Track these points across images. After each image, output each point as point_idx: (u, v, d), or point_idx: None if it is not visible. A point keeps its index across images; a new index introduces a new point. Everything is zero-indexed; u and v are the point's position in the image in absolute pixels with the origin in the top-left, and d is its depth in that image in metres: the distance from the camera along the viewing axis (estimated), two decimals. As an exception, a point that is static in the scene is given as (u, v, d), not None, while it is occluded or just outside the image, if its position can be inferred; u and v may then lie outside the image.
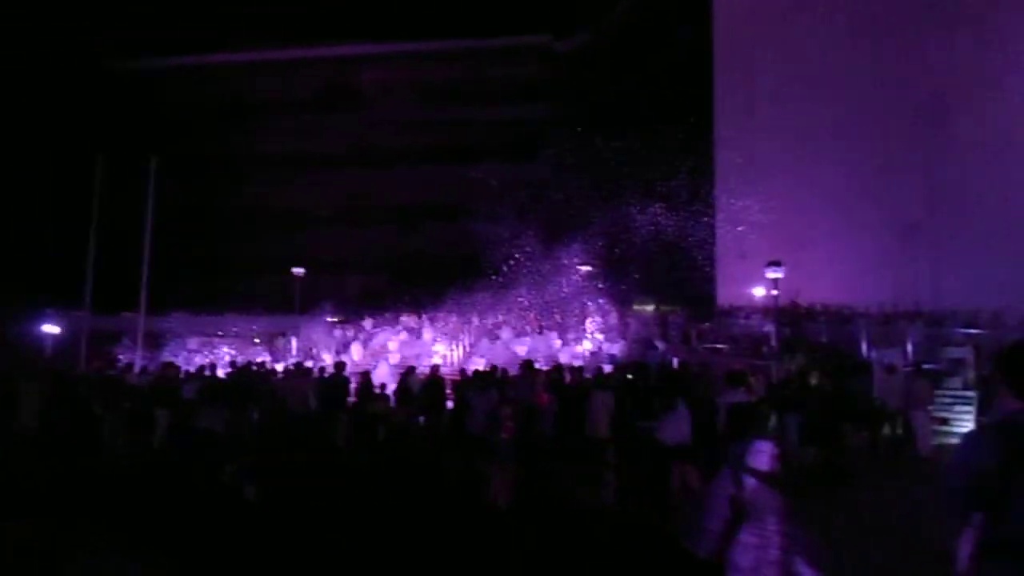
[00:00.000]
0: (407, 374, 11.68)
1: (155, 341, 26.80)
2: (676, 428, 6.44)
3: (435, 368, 12.51)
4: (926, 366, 13.81)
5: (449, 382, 12.84)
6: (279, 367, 17.49)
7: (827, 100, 21.31)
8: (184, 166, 37.12)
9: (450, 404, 11.35)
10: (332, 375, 11.24)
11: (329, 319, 29.50)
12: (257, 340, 25.82)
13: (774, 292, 23.49)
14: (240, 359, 21.20)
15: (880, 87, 20.92)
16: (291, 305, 30.17)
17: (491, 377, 10.13)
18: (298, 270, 25.71)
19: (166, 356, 24.23)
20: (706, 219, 29.26)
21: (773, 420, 11.63)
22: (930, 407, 11.89)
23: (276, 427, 8.03)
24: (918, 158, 20.74)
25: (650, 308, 32.73)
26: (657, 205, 29.11)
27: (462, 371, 13.34)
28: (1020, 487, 2.72)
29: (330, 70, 37.94)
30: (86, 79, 34.35)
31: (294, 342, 23.55)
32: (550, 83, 37.04)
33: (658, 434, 6.55)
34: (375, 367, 19.53)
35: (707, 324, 25.09)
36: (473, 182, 33.67)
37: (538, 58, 37.39)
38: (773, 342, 18.07)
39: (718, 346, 23.32)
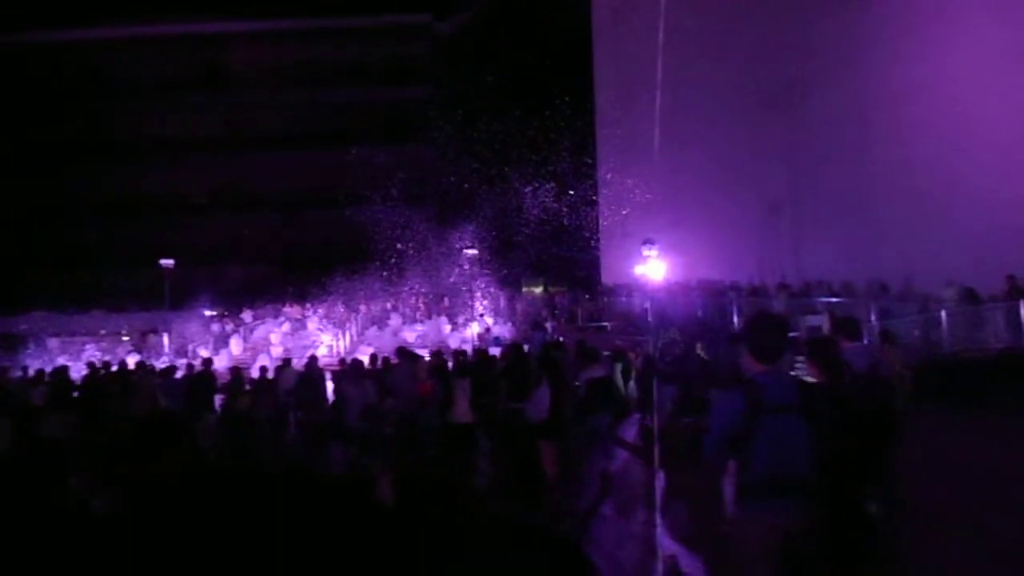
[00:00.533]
0: (281, 368, 11.23)
1: (11, 344, 24.66)
2: (539, 406, 6.57)
3: (312, 359, 12.10)
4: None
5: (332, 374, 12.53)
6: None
7: (700, 80, 22.06)
8: (44, 152, 34.36)
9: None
10: (198, 372, 10.67)
11: (207, 312, 28.13)
12: (127, 338, 24.23)
13: (651, 270, 24.42)
14: (106, 360, 19.85)
15: (746, 69, 21.90)
16: (165, 299, 28.54)
17: (366, 368, 9.87)
18: (167, 262, 24.27)
19: (24, 360, 22.45)
20: (590, 200, 29.89)
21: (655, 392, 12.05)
22: (792, 372, 12.60)
23: (123, 431, 7.53)
24: (780, 139, 21.90)
25: (539, 289, 33.17)
26: (542, 186, 29.43)
27: (342, 361, 13.03)
28: (759, 437, 3.16)
29: (202, 49, 35.90)
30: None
31: (166, 339, 22.25)
32: (431, 64, 36.59)
33: (525, 414, 6.67)
34: (254, 361, 18.74)
35: (591, 303, 25.67)
36: (355, 166, 32.91)
37: (418, 38, 36.82)
38: (649, 318, 18.66)
39: (603, 324, 23.93)
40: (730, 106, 22.45)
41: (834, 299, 18.24)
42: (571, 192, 29.71)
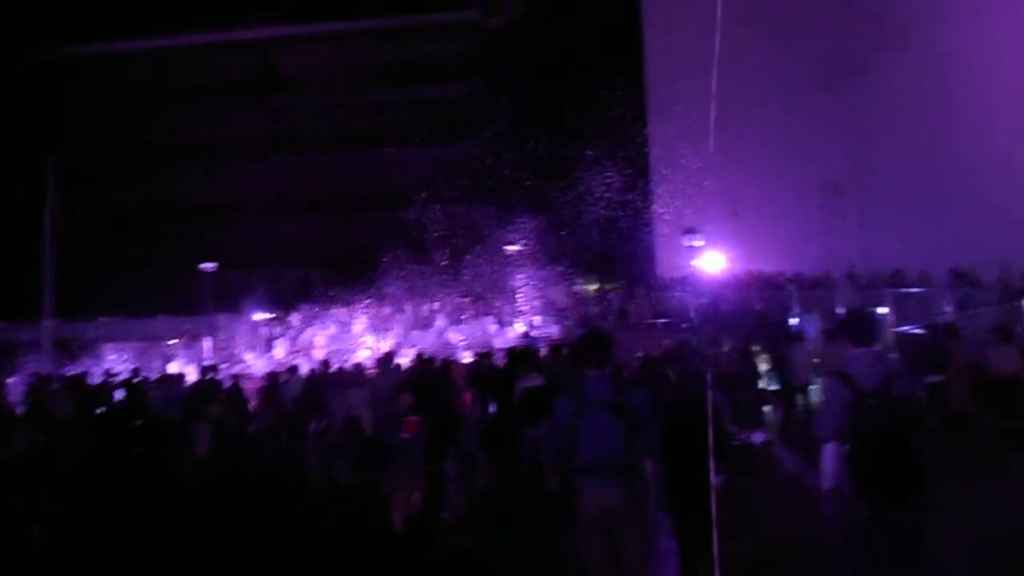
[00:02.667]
0: (275, 376, 10.55)
1: (70, 351, 25.27)
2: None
3: (323, 364, 11.51)
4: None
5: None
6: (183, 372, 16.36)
7: (752, 59, 20.52)
8: (105, 163, 35.45)
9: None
10: (199, 381, 10.22)
11: (260, 316, 28.30)
12: (173, 342, 24.48)
13: (707, 262, 23.06)
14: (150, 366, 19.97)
15: (800, 42, 20.25)
16: (228, 303, 28.84)
17: (355, 375, 9.12)
18: (208, 265, 24.36)
19: (79, 367, 22.91)
20: (644, 192, 28.68)
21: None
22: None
23: (54, 448, 7.06)
24: (842, 115, 20.17)
25: (594, 287, 32.06)
26: (596, 180, 28.41)
27: (356, 366, 12.39)
28: (583, 429, 3.83)
29: (252, 55, 36.36)
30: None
31: (207, 343, 22.29)
32: (481, 60, 36.03)
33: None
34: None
35: (644, 299, 24.42)
36: (407, 165, 32.72)
37: (468, 34, 36.30)
38: (692, 315, 17.40)
39: (655, 321, 22.66)
40: (785, 84, 20.83)
41: (908, 289, 16.57)
42: (625, 186, 28.57)
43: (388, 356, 8.91)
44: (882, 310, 13.82)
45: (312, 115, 36.08)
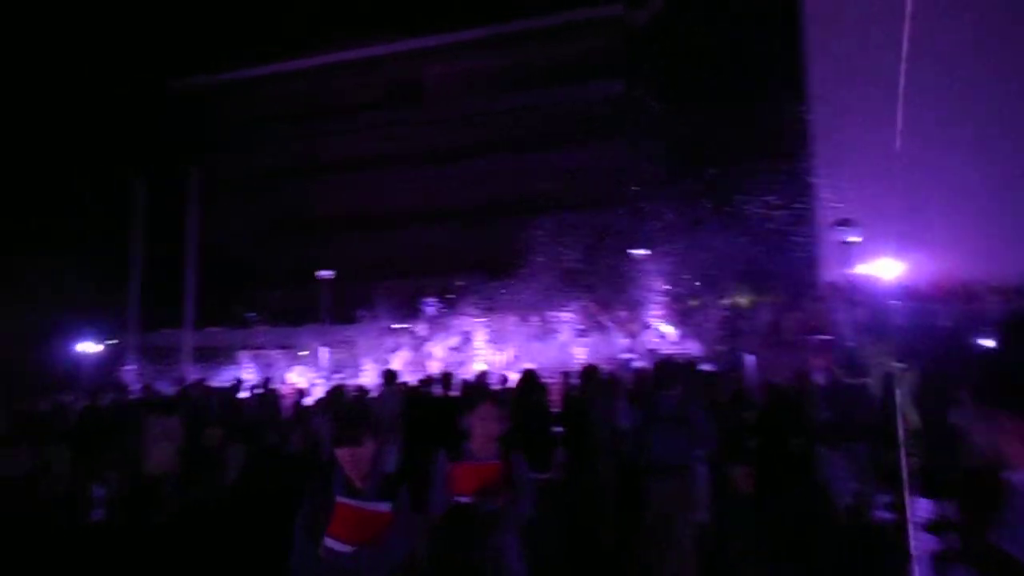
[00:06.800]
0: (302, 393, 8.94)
1: (206, 357, 26.05)
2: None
3: (387, 376, 9.91)
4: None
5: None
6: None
7: (935, 17, 16.86)
8: (261, 175, 37.17)
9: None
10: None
11: (395, 326, 27.86)
12: (304, 353, 24.40)
13: (881, 268, 19.42)
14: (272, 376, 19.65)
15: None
16: (368, 313, 28.76)
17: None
18: (326, 273, 24.07)
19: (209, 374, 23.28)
20: (807, 191, 25.38)
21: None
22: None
23: None
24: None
25: (748, 298, 28.76)
26: (748, 182, 25.50)
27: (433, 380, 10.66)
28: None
29: (392, 68, 36.66)
30: (146, 100, 35.11)
31: (325, 353, 21.83)
32: (624, 58, 34.07)
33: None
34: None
35: (800, 312, 21.00)
36: (550, 170, 31.40)
37: (610, 32, 34.47)
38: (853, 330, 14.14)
39: (822, 337, 19.26)
40: (979, 44, 16.85)
41: None
42: (782, 188, 25.44)
43: (389, 374, 6.93)
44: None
45: (454, 124, 35.77)
